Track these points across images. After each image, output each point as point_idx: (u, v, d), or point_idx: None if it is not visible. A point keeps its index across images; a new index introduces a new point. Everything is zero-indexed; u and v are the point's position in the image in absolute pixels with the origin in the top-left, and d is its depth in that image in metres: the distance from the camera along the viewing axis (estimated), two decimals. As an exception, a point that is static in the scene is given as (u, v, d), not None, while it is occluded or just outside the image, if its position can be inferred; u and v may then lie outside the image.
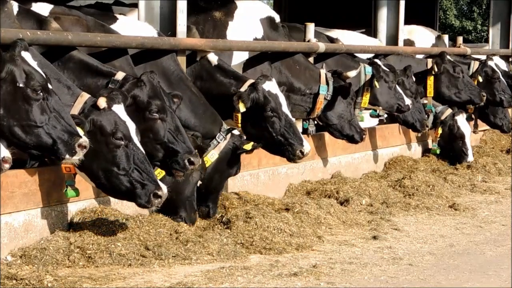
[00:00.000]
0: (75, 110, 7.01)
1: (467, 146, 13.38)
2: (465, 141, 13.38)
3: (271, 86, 9.03)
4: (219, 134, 8.54)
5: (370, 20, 14.53)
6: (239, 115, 8.93)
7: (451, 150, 13.43)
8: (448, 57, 13.42)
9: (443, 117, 13.42)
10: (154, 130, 7.59)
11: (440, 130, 13.40)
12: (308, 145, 8.98)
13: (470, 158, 13.36)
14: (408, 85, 12.37)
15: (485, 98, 13.47)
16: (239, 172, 8.85)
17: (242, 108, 8.83)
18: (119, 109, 7.09)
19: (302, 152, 8.90)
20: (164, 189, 7.04)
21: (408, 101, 11.66)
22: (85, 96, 7.08)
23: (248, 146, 8.53)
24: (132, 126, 7.10)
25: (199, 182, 8.35)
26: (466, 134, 13.40)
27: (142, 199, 7.02)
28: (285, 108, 9.02)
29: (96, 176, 7.00)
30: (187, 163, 7.61)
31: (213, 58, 9.32)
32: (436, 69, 13.05)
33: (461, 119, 13.43)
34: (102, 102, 6.99)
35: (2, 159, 6.07)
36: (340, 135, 10.84)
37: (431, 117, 13.32)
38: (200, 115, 8.59)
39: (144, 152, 7.13)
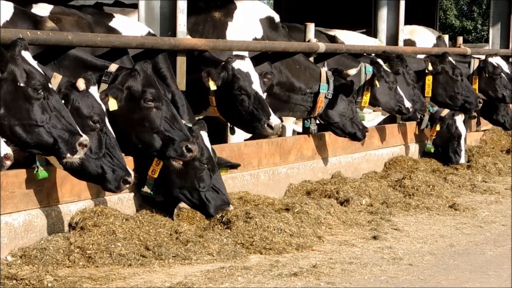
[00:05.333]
0: None
1: (461, 147, 13.31)
2: (460, 142, 13.32)
3: (242, 64, 8.98)
4: None
5: (370, 20, 14.53)
6: (214, 98, 8.95)
7: (446, 149, 13.37)
8: (450, 58, 13.39)
9: (442, 114, 13.38)
10: (150, 119, 7.59)
11: (438, 127, 13.34)
12: (276, 118, 8.91)
13: (462, 160, 13.28)
14: (408, 75, 12.36)
15: (481, 105, 13.39)
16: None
17: (212, 86, 8.82)
18: (95, 91, 7.11)
19: (270, 126, 8.87)
20: (132, 175, 7.05)
21: (408, 104, 11.64)
22: (58, 77, 7.08)
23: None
24: (105, 110, 7.12)
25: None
26: (462, 135, 13.35)
27: (111, 184, 7.04)
28: (256, 86, 8.96)
29: None
30: (185, 151, 7.60)
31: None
32: (430, 68, 12.99)
33: (459, 120, 13.40)
34: (81, 84, 6.99)
35: (4, 156, 6.07)
36: (342, 133, 10.83)
37: (426, 117, 13.28)
38: None
39: (115, 136, 7.12)
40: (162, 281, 6.78)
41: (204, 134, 8.17)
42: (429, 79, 13.08)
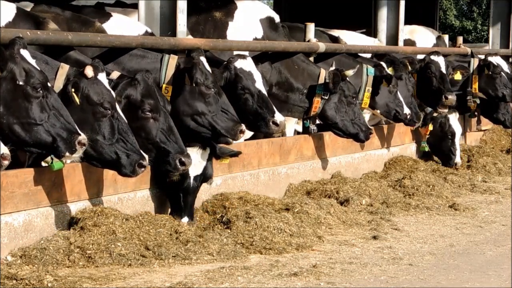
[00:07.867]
0: (59, 82, 7.05)
1: (455, 146, 13.21)
2: (455, 141, 13.21)
3: (244, 64, 9.00)
4: None
5: (370, 20, 14.52)
6: None
7: (440, 148, 13.32)
8: (432, 57, 13.18)
9: (434, 114, 13.31)
10: (146, 129, 7.60)
11: (431, 127, 13.27)
12: (280, 115, 8.95)
13: (457, 159, 13.18)
14: (409, 82, 12.32)
15: (448, 100, 13.08)
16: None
17: None
18: (103, 77, 7.17)
19: (275, 123, 8.89)
20: (147, 159, 7.11)
21: (407, 110, 11.60)
22: (65, 67, 7.13)
23: None
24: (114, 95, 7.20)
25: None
26: (456, 134, 13.27)
27: (127, 169, 7.10)
28: (259, 85, 8.99)
29: None
30: (178, 164, 7.61)
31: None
32: (410, 68, 12.83)
33: (453, 118, 13.32)
34: (89, 71, 7.04)
35: (1, 155, 6.07)
36: (343, 134, 10.74)
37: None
38: None
39: (126, 121, 7.17)
40: (162, 281, 6.78)
41: (203, 59, 8.22)
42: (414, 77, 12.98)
